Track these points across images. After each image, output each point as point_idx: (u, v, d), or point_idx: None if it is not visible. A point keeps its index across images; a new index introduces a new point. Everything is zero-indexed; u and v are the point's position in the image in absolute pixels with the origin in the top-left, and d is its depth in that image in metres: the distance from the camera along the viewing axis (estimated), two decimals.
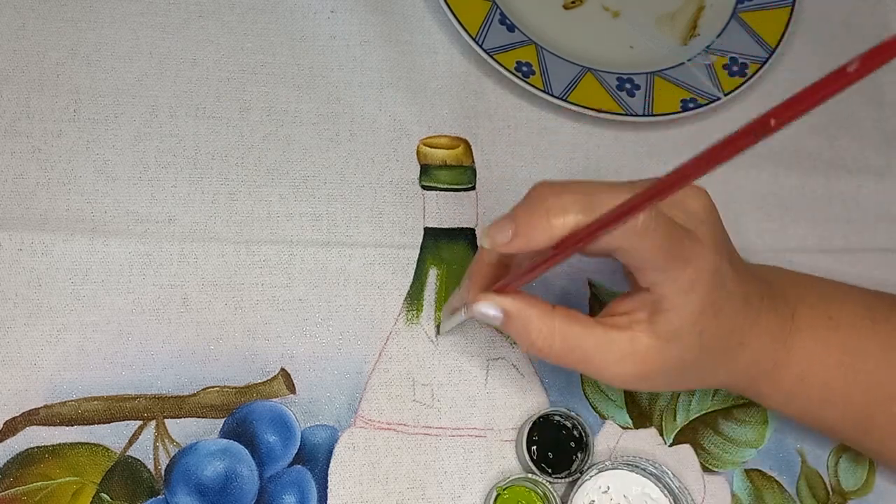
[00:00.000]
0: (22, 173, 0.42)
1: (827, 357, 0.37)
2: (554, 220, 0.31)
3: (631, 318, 0.34)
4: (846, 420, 0.38)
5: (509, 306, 0.34)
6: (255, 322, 0.42)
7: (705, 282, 0.33)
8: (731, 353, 0.36)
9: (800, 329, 0.37)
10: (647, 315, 0.34)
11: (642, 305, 0.34)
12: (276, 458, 0.40)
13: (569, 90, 0.48)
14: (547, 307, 0.34)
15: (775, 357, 0.36)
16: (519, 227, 0.32)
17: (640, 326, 0.34)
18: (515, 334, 0.34)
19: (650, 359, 0.34)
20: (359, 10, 0.49)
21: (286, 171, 0.45)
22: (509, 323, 0.34)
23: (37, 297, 0.41)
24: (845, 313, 0.38)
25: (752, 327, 0.35)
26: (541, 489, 0.40)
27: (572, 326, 0.34)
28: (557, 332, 0.34)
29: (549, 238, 0.31)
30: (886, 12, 0.56)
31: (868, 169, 0.51)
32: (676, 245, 0.32)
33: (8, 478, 0.38)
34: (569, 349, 0.34)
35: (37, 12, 0.46)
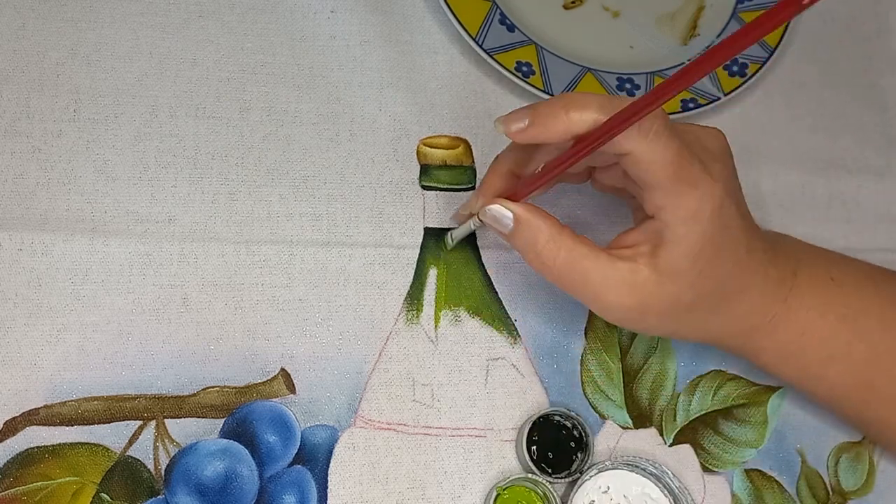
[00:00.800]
0: (22, 173, 0.42)
1: (828, 313, 0.37)
2: (573, 114, 0.31)
3: (634, 250, 0.34)
4: (847, 381, 0.38)
5: (521, 212, 0.34)
6: (255, 322, 0.42)
7: (709, 214, 0.33)
8: (728, 301, 0.35)
9: (801, 286, 0.37)
10: (649, 248, 0.34)
11: (647, 238, 0.34)
12: (276, 458, 0.40)
13: (569, 90, 0.48)
14: (556, 223, 0.34)
15: (774, 311, 0.36)
16: (537, 117, 0.32)
17: (642, 259, 0.34)
18: (523, 242, 0.35)
19: (647, 292, 0.34)
20: (359, 10, 0.49)
21: (286, 171, 0.45)
22: (518, 229, 0.34)
23: (37, 297, 0.41)
24: (848, 275, 0.38)
25: (752, 278, 0.35)
26: (541, 489, 0.40)
27: (579, 246, 0.34)
28: (563, 247, 0.34)
29: (565, 130, 0.32)
30: (886, 12, 0.56)
31: (868, 169, 0.51)
32: (685, 167, 0.32)
33: (8, 478, 0.38)
34: (571, 267, 0.34)
35: (37, 12, 0.46)
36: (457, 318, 0.43)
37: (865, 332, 0.37)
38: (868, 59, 0.54)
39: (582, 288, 0.34)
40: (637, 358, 0.44)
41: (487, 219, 0.36)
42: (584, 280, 0.34)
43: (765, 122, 0.51)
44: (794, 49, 0.53)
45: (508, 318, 0.44)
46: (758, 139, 0.51)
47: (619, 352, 0.44)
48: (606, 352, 0.44)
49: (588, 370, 0.44)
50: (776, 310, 0.36)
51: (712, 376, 0.45)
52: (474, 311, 0.44)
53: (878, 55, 0.54)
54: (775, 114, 0.52)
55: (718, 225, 0.33)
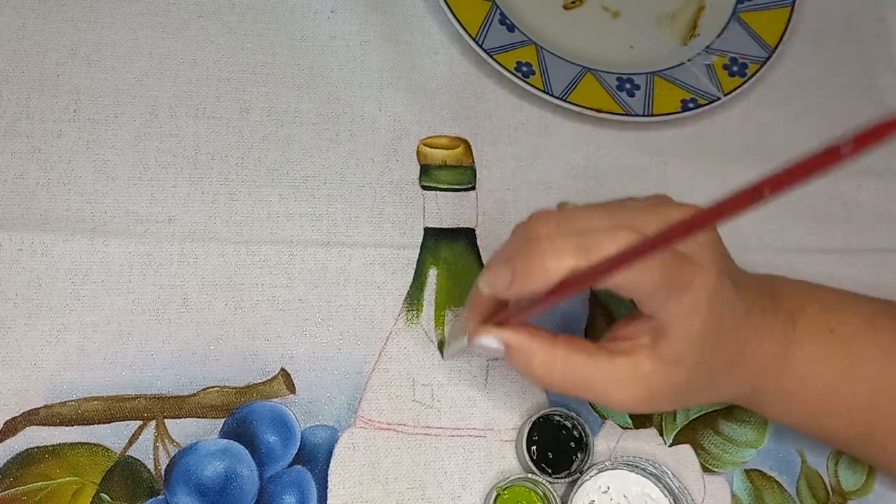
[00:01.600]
0: (22, 173, 0.42)
1: (829, 362, 0.37)
2: (549, 264, 0.31)
3: (634, 342, 0.34)
4: (848, 428, 0.38)
5: (510, 339, 0.34)
6: (255, 322, 0.42)
7: (706, 304, 0.32)
8: (734, 365, 0.36)
9: (801, 338, 0.37)
10: (650, 339, 0.34)
11: (645, 330, 0.34)
12: (276, 459, 0.40)
13: (569, 90, 0.48)
14: (549, 337, 0.34)
15: (777, 364, 0.36)
16: (517, 273, 0.32)
17: (643, 351, 0.34)
18: (518, 366, 0.35)
19: (654, 382, 0.34)
20: (359, 10, 0.49)
21: (286, 171, 0.45)
22: (511, 355, 0.34)
23: (37, 297, 0.41)
24: (847, 323, 0.38)
25: (753, 337, 0.35)
26: (541, 489, 0.40)
27: (574, 355, 0.34)
28: (559, 362, 0.34)
29: (546, 281, 0.31)
30: (886, 12, 0.56)
31: (868, 169, 0.51)
32: (675, 275, 0.32)
33: (8, 478, 0.38)
34: (572, 379, 0.34)
35: (37, 12, 0.46)
36: (457, 318, 0.43)
37: (865, 381, 0.37)
38: (868, 59, 0.54)
39: (588, 394, 0.34)
40: None
41: (478, 348, 0.35)
42: (588, 386, 0.34)
43: (765, 122, 0.51)
44: (794, 49, 0.53)
45: None
46: (758, 139, 0.51)
47: None
48: None
49: None
50: (778, 365, 0.37)
51: None
52: None
53: (878, 55, 0.54)
54: (775, 114, 0.52)
55: (717, 306, 0.33)
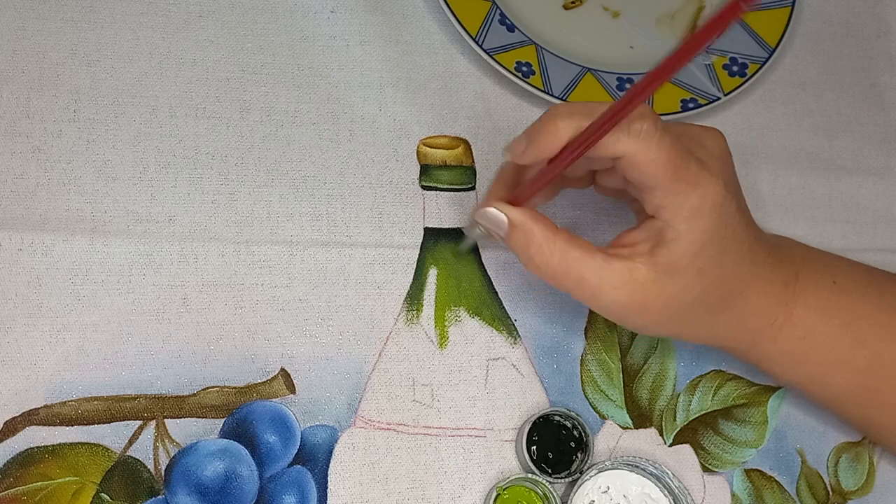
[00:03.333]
0: (22, 173, 0.42)
1: (831, 318, 0.36)
2: (560, 122, 0.32)
3: (633, 249, 0.34)
4: (850, 386, 0.37)
5: (514, 216, 0.35)
6: (255, 322, 0.42)
7: (709, 212, 0.33)
8: (731, 303, 0.35)
9: (803, 289, 0.37)
10: (649, 247, 0.34)
11: (646, 237, 0.34)
12: (276, 458, 0.40)
13: (569, 90, 0.48)
14: (551, 226, 0.35)
15: (777, 314, 0.36)
16: (531, 135, 0.33)
17: (641, 258, 0.34)
18: (516, 246, 0.35)
19: (647, 290, 0.34)
20: (359, 10, 0.49)
21: (286, 171, 0.45)
22: (512, 233, 0.35)
23: (37, 297, 0.41)
24: (851, 279, 0.38)
25: (754, 280, 0.35)
26: (541, 489, 0.40)
27: (573, 249, 0.34)
28: (558, 250, 0.34)
29: (557, 141, 0.32)
30: (886, 12, 0.56)
31: (868, 169, 0.51)
32: (683, 165, 0.32)
33: (8, 478, 0.38)
34: (566, 269, 0.34)
35: (37, 12, 0.46)
36: (457, 318, 0.43)
37: (868, 338, 0.37)
38: (868, 59, 0.54)
39: (579, 290, 0.35)
40: (637, 358, 0.44)
41: (483, 221, 0.36)
42: (580, 282, 0.34)
43: (765, 122, 0.51)
44: (794, 49, 0.53)
45: (508, 318, 0.44)
46: (758, 139, 0.51)
47: (619, 352, 0.44)
48: (606, 352, 0.44)
49: (588, 370, 0.44)
50: (779, 312, 0.36)
51: (712, 376, 0.45)
52: (474, 311, 0.44)
53: (878, 55, 0.54)
54: (775, 114, 0.52)
55: (720, 223, 0.33)
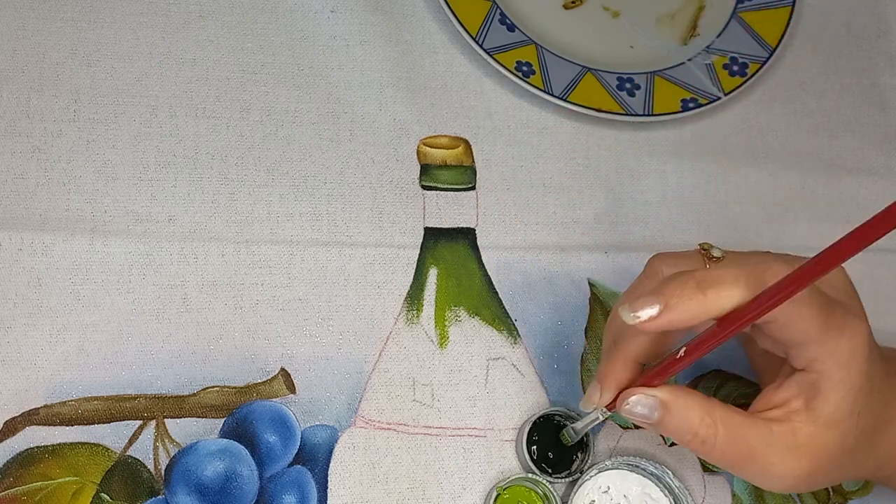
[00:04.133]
0: (22, 173, 0.42)
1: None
2: (710, 294, 0.30)
3: (787, 409, 0.32)
4: None
5: (668, 398, 0.32)
6: (255, 322, 0.42)
7: (862, 352, 0.31)
8: (882, 431, 0.34)
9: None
10: (803, 402, 0.32)
11: (798, 392, 0.32)
12: (276, 458, 0.40)
13: (569, 90, 0.48)
14: (704, 396, 0.32)
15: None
16: (669, 301, 0.30)
17: (798, 416, 0.32)
18: (676, 428, 0.32)
19: (815, 450, 0.32)
20: (359, 10, 0.49)
21: (286, 171, 0.45)
22: (668, 416, 0.32)
23: (37, 297, 0.41)
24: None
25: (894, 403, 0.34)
26: (541, 489, 0.40)
27: (734, 416, 0.32)
28: (720, 422, 0.32)
29: (704, 313, 0.30)
30: (886, 12, 0.56)
31: (868, 169, 0.51)
32: (831, 314, 0.31)
33: (8, 478, 0.38)
34: (733, 440, 0.32)
35: (37, 12, 0.46)
36: (457, 317, 0.43)
37: None
38: (868, 59, 0.54)
39: (749, 463, 0.32)
40: None
41: (626, 412, 0.33)
42: (750, 453, 0.32)
43: (765, 122, 0.51)
44: (794, 49, 0.53)
45: (508, 318, 0.44)
46: (758, 139, 0.51)
47: None
48: None
49: (588, 370, 0.44)
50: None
51: (712, 376, 0.45)
52: (474, 311, 0.44)
53: (878, 55, 0.54)
54: (775, 114, 0.52)
55: (871, 359, 0.32)
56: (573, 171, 0.48)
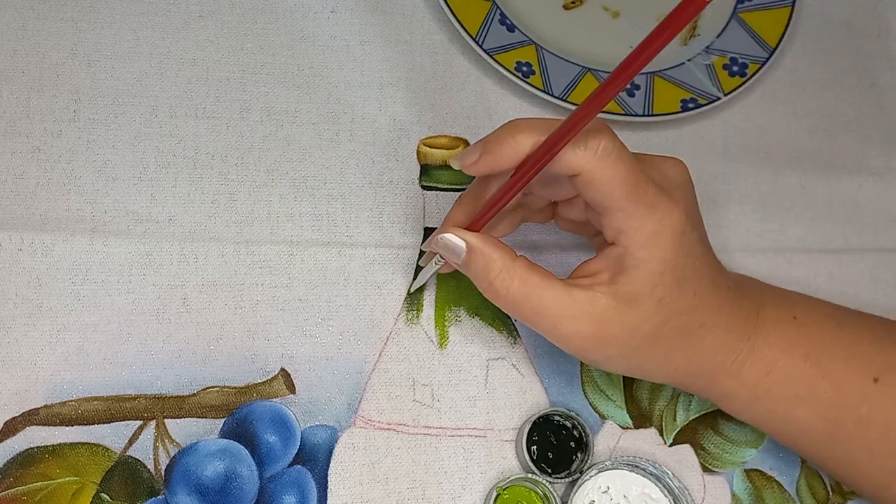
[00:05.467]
0: (22, 173, 0.42)
1: (792, 352, 0.36)
2: (519, 135, 0.32)
3: (594, 279, 0.34)
4: (814, 422, 0.37)
5: (473, 241, 0.34)
6: (255, 322, 0.42)
7: (669, 239, 0.32)
8: (692, 336, 0.35)
9: (764, 324, 0.36)
10: (609, 276, 0.34)
11: (606, 265, 0.34)
12: (276, 458, 0.40)
13: (569, 90, 0.48)
14: (511, 251, 0.34)
15: (738, 349, 0.36)
16: (487, 146, 0.33)
17: (601, 287, 0.33)
18: (476, 272, 0.35)
19: (607, 320, 0.33)
20: (359, 10, 0.49)
21: (286, 171, 0.45)
22: (471, 259, 0.34)
23: (37, 297, 0.41)
24: (810, 314, 0.38)
25: (716, 313, 0.35)
26: (541, 489, 0.40)
27: (533, 275, 0.34)
28: (517, 276, 0.34)
29: (515, 154, 0.32)
30: (886, 12, 0.56)
31: (868, 169, 0.51)
32: (641, 187, 0.32)
33: (8, 478, 0.38)
34: (525, 296, 0.34)
35: (37, 12, 0.46)
36: (457, 318, 0.43)
37: (829, 372, 0.36)
38: (868, 59, 0.54)
39: (538, 318, 0.34)
40: None
41: (440, 248, 0.35)
42: (540, 309, 0.34)
43: (765, 122, 0.51)
44: (794, 49, 0.53)
45: (508, 318, 0.44)
46: (758, 139, 0.51)
47: None
48: None
49: (588, 370, 0.44)
50: (741, 348, 0.36)
51: None
52: (474, 311, 0.44)
53: (878, 55, 0.54)
54: (775, 114, 0.52)
55: (680, 252, 0.33)
56: None
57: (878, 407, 0.36)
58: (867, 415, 0.36)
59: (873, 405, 0.36)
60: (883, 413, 0.36)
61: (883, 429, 0.36)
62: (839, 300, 0.41)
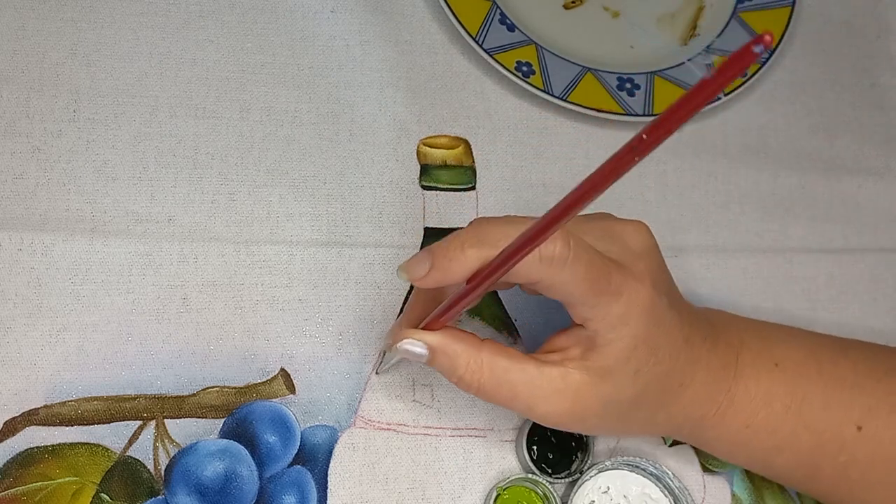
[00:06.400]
0: (22, 173, 0.42)
1: (772, 402, 0.36)
2: (468, 251, 0.31)
3: (564, 354, 0.33)
4: (795, 469, 0.37)
5: (433, 341, 0.33)
6: (255, 322, 0.42)
7: (638, 316, 0.32)
8: (671, 395, 0.35)
9: (743, 374, 0.36)
10: (580, 352, 0.33)
11: (577, 342, 0.33)
12: (276, 459, 0.40)
13: (569, 90, 0.48)
14: (475, 341, 0.34)
15: (718, 402, 0.36)
16: (436, 260, 0.32)
17: (572, 363, 0.33)
18: (443, 370, 0.34)
19: (582, 396, 0.33)
20: (359, 10, 0.49)
21: (286, 171, 0.45)
22: (435, 358, 0.34)
23: (37, 297, 0.41)
24: (790, 358, 0.37)
25: (693, 369, 0.35)
26: (541, 489, 0.40)
27: (500, 360, 0.33)
28: (486, 366, 0.33)
29: (463, 269, 0.31)
30: (886, 12, 0.56)
31: (868, 169, 0.51)
32: (603, 277, 0.31)
33: (8, 478, 0.38)
34: (497, 384, 0.33)
35: (37, 12, 0.46)
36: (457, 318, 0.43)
37: (810, 422, 0.36)
38: (868, 59, 0.54)
39: (514, 402, 0.34)
40: None
41: (402, 354, 0.34)
42: (514, 394, 0.33)
43: (765, 122, 0.51)
44: (794, 49, 0.53)
45: (508, 318, 0.44)
46: (758, 139, 0.51)
47: None
48: None
49: None
50: (720, 401, 0.36)
51: None
52: (474, 311, 0.44)
53: (878, 55, 0.54)
54: (775, 114, 0.52)
55: (650, 324, 0.32)
56: (573, 171, 0.48)
57: (860, 451, 0.36)
58: (846, 461, 0.36)
59: (853, 451, 0.36)
60: (863, 455, 0.36)
61: (863, 469, 0.36)
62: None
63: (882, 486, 0.37)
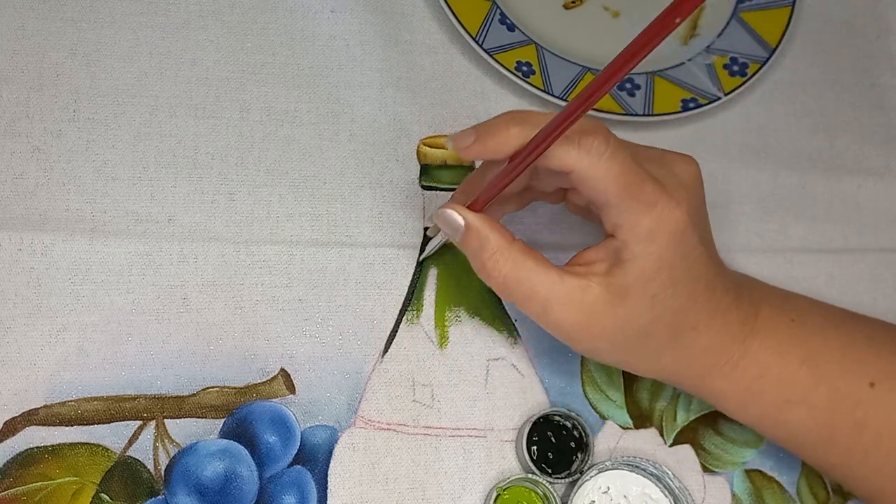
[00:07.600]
0: (22, 173, 0.42)
1: (788, 354, 0.36)
2: (513, 128, 0.32)
3: (589, 268, 0.34)
4: (807, 426, 0.37)
5: (471, 219, 0.35)
6: (255, 322, 0.42)
7: (666, 236, 0.32)
8: (682, 337, 0.35)
9: (762, 328, 0.36)
10: (605, 267, 0.34)
11: (604, 256, 0.34)
12: (276, 459, 0.40)
13: (569, 90, 0.48)
14: (508, 235, 0.35)
15: (732, 352, 0.36)
16: (480, 133, 0.34)
17: (595, 277, 0.34)
18: (470, 250, 0.35)
19: (597, 311, 0.33)
20: (359, 10, 0.49)
21: (286, 171, 0.45)
22: (467, 236, 0.35)
23: (37, 297, 0.41)
24: (808, 316, 0.37)
25: (710, 316, 0.35)
26: (541, 489, 0.40)
27: (527, 259, 0.34)
28: (511, 259, 0.34)
29: (506, 144, 0.33)
30: (886, 12, 0.56)
31: (868, 169, 0.51)
32: (636, 183, 0.32)
33: (8, 478, 0.38)
34: (518, 280, 0.34)
35: (37, 12, 0.46)
36: (457, 318, 0.43)
37: (825, 376, 0.36)
38: (868, 59, 0.54)
39: (527, 301, 0.34)
40: None
41: (440, 221, 0.36)
42: (531, 294, 0.34)
43: (765, 122, 0.51)
44: (794, 49, 0.53)
45: (508, 318, 0.44)
46: (758, 139, 0.51)
47: None
48: None
49: (588, 370, 0.44)
50: (734, 350, 0.36)
51: None
52: (474, 311, 0.44)
53: (878, 55, 0.54)
54: (775, 114, 0.52)
55: (677, 251, 0.33)
56: None
57: (873, 411, 0.36)
58: (861, 419, 0.36)
59: (868, 410, 0.36)
60: (877, 418, 0.36)
61: (877, 433, 0.36)
62: (839, 300, 0.41)
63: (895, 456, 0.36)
